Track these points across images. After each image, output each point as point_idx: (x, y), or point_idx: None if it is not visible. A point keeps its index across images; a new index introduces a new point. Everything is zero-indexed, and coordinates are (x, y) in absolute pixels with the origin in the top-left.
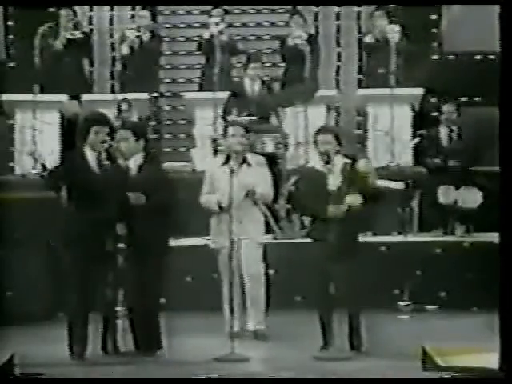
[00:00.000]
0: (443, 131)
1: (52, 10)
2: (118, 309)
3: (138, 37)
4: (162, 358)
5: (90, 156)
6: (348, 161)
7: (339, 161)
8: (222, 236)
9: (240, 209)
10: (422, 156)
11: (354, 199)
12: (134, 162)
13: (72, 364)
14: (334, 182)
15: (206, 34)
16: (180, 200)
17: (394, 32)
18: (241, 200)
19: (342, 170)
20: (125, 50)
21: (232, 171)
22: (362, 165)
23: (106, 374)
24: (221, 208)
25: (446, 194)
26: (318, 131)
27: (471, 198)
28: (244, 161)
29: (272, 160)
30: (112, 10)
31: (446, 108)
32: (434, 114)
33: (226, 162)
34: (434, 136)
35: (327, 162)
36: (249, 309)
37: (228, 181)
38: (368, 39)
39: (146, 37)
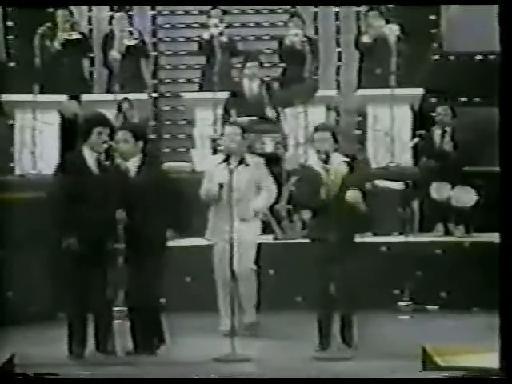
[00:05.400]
0: (437, 132)
1: (51, 10)
2: (116, 309)
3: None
4: (161, 357)
5: (89, 156)
6: (346, 159)
7: (337, 159)
8: (217, 231)
9: (236, 208)
10: (418, 156)
11: (353, 194)
12: (132, 164)
13: (72, 364)
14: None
15: (206, 35)
16: (180, 200)
17: (391, 31)
18: (237, 199)
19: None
20: (114, 54)
21: (230, 171)
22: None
23: (105, 373)
24: (221, 186)
25: (438, 190)
26: (316, 129)
27: (465, 197)
28: (241, 161)
29: (272, 160)
30: (111, 10)
31: (440, 109)
32: (433, 114)
33: (225, 160)
34: (429, 137)
35: (325, 161)
36: (240, 307)
37: (225, 179)
38: (365, 39)
39: (132, 40)
